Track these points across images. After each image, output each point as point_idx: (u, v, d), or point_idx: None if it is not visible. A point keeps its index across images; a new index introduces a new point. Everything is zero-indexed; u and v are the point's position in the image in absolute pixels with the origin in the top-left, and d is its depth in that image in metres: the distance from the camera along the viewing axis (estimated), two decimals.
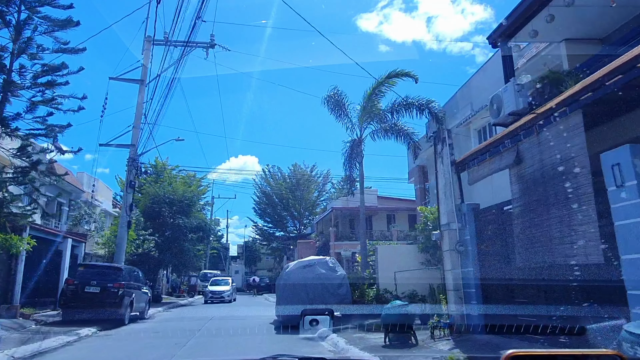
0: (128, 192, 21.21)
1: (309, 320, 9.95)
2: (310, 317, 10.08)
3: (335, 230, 34.46)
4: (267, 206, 55.20)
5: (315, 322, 9.92)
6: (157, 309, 22.95)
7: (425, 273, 14.83)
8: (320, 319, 10.02)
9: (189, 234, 29.62)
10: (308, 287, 13.58)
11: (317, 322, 9.95)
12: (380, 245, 15.21)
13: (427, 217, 14.69)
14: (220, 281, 32.64)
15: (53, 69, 10.95)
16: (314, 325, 9.96)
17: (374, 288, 14.89)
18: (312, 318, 10.05)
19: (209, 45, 23.51)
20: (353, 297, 14.36)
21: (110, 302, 14.79)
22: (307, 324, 9.92)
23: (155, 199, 28.59)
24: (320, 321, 10.00)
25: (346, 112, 18.07)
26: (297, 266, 14.20)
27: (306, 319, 9.99)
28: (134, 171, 21.35)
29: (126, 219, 20.77)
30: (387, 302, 14.23)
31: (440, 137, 9.30)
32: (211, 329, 14.47)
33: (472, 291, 8.41)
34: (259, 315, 19.08)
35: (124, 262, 20.22)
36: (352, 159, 18.15)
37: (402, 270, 13.86)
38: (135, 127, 21.78)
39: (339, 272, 13.95)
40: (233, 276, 57.71)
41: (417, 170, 21.75)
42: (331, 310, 10.83)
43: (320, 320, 10.02)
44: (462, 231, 8.76)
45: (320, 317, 10.10)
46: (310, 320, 9.94)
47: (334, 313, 10.92)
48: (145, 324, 16.48)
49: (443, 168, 9.21)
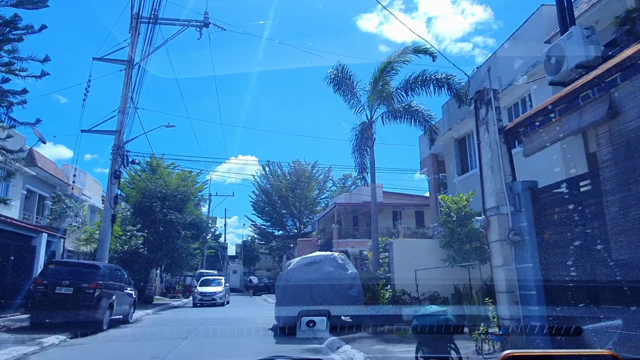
0: (112, 183, 19.25)
1: (306, 321, 9.31)
2: (308, 319, 9.41)
3: (338, 227, 32.49)
4: (266, 204, 53.27)
5: (312, 324, 9.24)
6: (146, 311, 21.00)
7: (448, 272, 12.90)
8: (317, 320, 9.34)
9: (182, 231, 27.64)
10: (313, 288, 11.64)
11: (315, 323, 9.28)
12: (397, 240, 13.28)
13: (449, 207, 12.75)
14: (211, 281, 28.27)
15: (5, 24, 8.98)
16: (311, 326, 9.25)
17: (389, 289, 12.96)
18: (310, 319, 9.37)
19: (203, 24, 21.57)
20: (365, 299, 12.43)
21: (85, 304, 12.84)
22: (304, 325, 9.25)
23: (146, 194, 26.62)
24: (317, 322, 9.32)
25: (354, 91, 16.11)
26: (301, 263, 12.25)
27: (303, 320, 9.30)
28: (120, 160, 19.41)
29: (110, 212, 18.82)
30: (405, 305, 12.31)
31: (485, 99, 7.36)
32: (200, 336, 12.55)
33: (531, 293, 6.47)
34: (256, 317, 17.12)
35: (107, 260, 18.30)
36: (362, 144, 16.19)
37: (423, 269, 11.92)
38: (121, 112, 19.84)
39: (350, 270, 12.00)
40: (231, 276, 55.83)
41: (431, 159, 19.80)
42: (328, 312, 9.78)
43: (318, 322, 9.34)
44: (516, 216, 6.82)
45: (318, 319, 9.39)
46: (308, 322, 9.28)
47: (330, 314, 9.85)
48: (128, 329, 14.52)
49: (489, 137, 7.26)
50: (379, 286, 12.73)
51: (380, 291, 12.64)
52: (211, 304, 25.18)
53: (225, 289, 27.28)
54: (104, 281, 13.59)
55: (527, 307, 6.53)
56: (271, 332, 12.31)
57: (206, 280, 28.56)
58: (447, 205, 12.89)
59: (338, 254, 12.61)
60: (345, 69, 16.02)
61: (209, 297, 25.72)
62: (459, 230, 12.53)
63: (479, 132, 7.63)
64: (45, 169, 24.04)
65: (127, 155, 19.91)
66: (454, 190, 16.49)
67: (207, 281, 28.23)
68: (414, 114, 15.69)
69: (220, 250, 62.67)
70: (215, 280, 28.31)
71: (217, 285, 27.40)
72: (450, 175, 16.82)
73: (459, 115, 15.87)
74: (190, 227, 29.11)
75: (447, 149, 17.20)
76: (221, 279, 28.83)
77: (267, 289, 43.04)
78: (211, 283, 27.77)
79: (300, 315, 9.49)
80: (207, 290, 26.53)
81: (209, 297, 25.76)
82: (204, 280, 28.51)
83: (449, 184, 17.11)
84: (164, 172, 27.99)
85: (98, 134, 19.84)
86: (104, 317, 13.31)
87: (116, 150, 19.34)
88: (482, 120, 7.41)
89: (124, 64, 20.16)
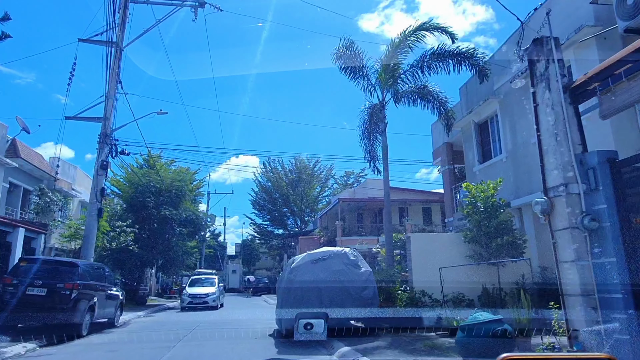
0: (99, 174, 17.66)
1: (303, 324, 8.90)
2: (305, 321, 8.97)
3: (342, 224, 30.90)
4: (267, 202, 51.66)
5: (310, 326, 8.85)
6: (137, 313, 19.43)
7: (473, 270, 11.33)
8: (315, 323, 8.92)
9: (177, 228, 26.03)
10: (321, 289, 10.07)
11: (312, 326, 8.89)
12: (415, 234, 11.68)
13: (475, 196, 11.17)
14: (202, 281, 24.39)
15: None
16: (309, 329, 8.87)
17: (406, 289, 11.38)
18: (307, 322, 8.96)
19: (198, 3, 20.04)
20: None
21: (61, 307, 11.30)
22: (301, 327, 8.85)
23: (139, 188, 25.02)
24: (314, 325, 8.90)
25: (364, 71, 14.50)
26: (306, 261, 10.66)
27: (300, 322, 8.91)
28: (107, 149, 17.83)
29: (96, 206, 17.23)
30: (426, 308, 10.74)
31: (544, 49, 5.79)
32: (192, 342, 10.99)
33: (615, 297, 4.90)
34: (255, 320, 15.55)
35: (93, 258, 16.74)
36: (372, 129, 14.60)
37: (448, 267, 10.34)
38: (109, 97, 18.24)
39: (363, 268, 10.41)
40: (230, 276, 54.25)
41: (445, 148, 18.24)
42: (326, 314, 9.22)
43: (315, 324, 8.91)
44: (591, 196, 5.26)
45: (315, 321, 8.96)
46: (305, 324, 8.87)
47: (328, 316, 9.21)
48: (112, 334, 12.95)
49: (550, 97, 5.69)
50: (395, 287, 11.16)
51: (396, 292, 11.07)
52: (202, 307, 21.92)
53: (219, 290, 23.86)
54: (83, 281, 12.03)
55: (609, 314, 4.96)
56: (272, 339, 10.77)
57: (197, 279, 24.76)
58: (472, 194, 11.31)
59: (349, 249, 11.03)
60: (354, 45, 14.43)
61: (199, 300, 22.25)
62: (486, 222, 10.95)
63: (535, 94, 6.05)
64: (30, 160, 22.46)
65: (116, 144, 18.33)
66: (474, 181, 14.93)
67: (198, 281, 24.48)
68: (429, 96, 14.11)
69: (220, 250, 61.16)
70: (207, 280, 24.50)
71: (209, 285, 23.73)
72: (470, 164, 15.25)
73: (481, 96, 14.30)
74: (187, 223, 27.47)
75: (465, 135, 15.62)
76: (214, 278, 25.01)
77: (267, 289, 41.48)
78: (202, 283, 24.08)
79: (297, 317, 9.06)
80: (198, 291, 22.95)
81: (199, 299, 22.28)
82: (194, 280, 24.71)
83: (467, 173, 15.53)
84: (160, 168, 26.32)
85: (84, 121, 18.25)
86: (83, 321, 11.76)
87: (103, 139, 17.75)
88: (541, 76, 5.84)
89: (112, 46, 18.59)
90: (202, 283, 24.01)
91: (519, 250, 10.83)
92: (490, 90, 14.00)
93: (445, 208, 18.50)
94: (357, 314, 10.01)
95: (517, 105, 12.67)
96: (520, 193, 12.30)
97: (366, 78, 14.49)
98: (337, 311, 9.96)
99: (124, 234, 19.41)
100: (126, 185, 25.65)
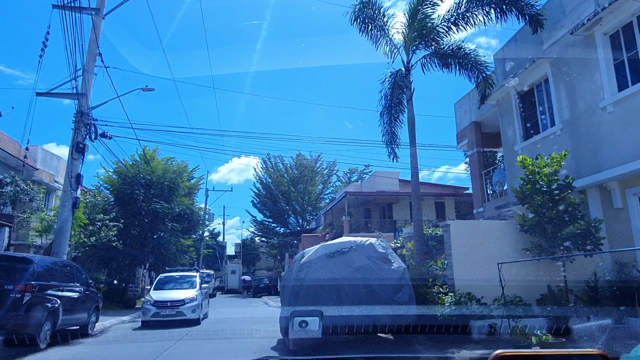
0: (74, 158, 15.24)
1: (298, 322, 8.00)
2: (300, 319, 8.01)
3: (349, 219, 28.50)
4: (267, 199, 49.39)
5: (304, 324, 7.97)
6: (122, 318, 17.05)
7: (533, 267, 8.96)
8: (309, 321, 7.98)
9: (170, 224, 23.61)
10: (341, 292, 7.72)
11: (307, 324, 8.00)
12: (454, 222, 9.32)
13: (536, 172, 8.79)
14: (176, 281, 16.31)
15: None
16: (304, 327, 7.98)
17: (445, 290, 9.00)
18: (302, 320, 7.98)
19: None
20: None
21: (10, 314, 8.93)
22: (296, 326, 7.98)
23: (127, 180, 22.63)
24: (309, 323, 7.99)
25: (385, 30, 12.12)
26: (321, 254, 8.29)
27: (295, 320, 8.04)
28: (84, 130, 15.46)
29: (71, 195, 14.86)
30: (475, 316, 8.36)
31: None
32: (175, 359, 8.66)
33: None
34: (254, 329, 13.17)
35: (66, 255, 14.35)
36: (394, 104, 12.24)
37: (509, 262, 7.96)
38: (87, 71, 15.88)
39: (395, 263, 8.05)
40: (229, 276, 51.66)
41: (473, 129, 15.86)
42: (321, 312, 8.04)
43: (310, 322, 7.99)
44: None
45: (310, 319, 8.00)
46: (300, 322, 7.99)
47: (323, 314, 8.03)
48: (78, 347, 10.55)
49: None
50: (433, 287, 8.77)
51: (433, 295, 8.68)
52: (174, 319, 14.05)
53: (201, 295, 15.44)
54: (41, 281, 9.66)
55: None
56: (276, 353, 8.43)
57: (167, 279, 16.59)
58: (530, 170, 8.92)
59: (376, 239, 8.65)
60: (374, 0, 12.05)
61: (170, 310, 14.20)
62: (550, 206, 8.56)
63: None
64: (4, 148, 20.16)
65: (95, 124, 15.96)
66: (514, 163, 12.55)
67: (169, 281, 16.31)
68: (465, 59, 11.73)
69: (219, 250, 58.83)
70: (183, 280, 16.33)
71: (186, 286, 15.76)
72: (509, 143, 12.85)
73: (524, 61, 11.94)
74: (180, 219, 25.04)
75: (503, 108, 13.24)
76: (194, 277, 16.60)
77: (268, 289, 39.09)
78: (176, 284, 15.98)
79: (292, 315, 8.22)
80: (167, 296, 14.69)
81: (170, 308, 14.23)
82: (162, 280, 16.51)
83: (506, 154, 13.13)
84: (153, 161, 23.83)
85: (57, 98, 15.91)
86: (40, 332, 9.42)
87: (79, 118, 15.38)
88: None
89: (91, 13, 16.24)
90: (175, 284, 16.01)
91: (592, 242, 8.43)
92: (537, 51, 11.62)
93: (473, 197, 16.13)
94: (388, 322, 7.65)
95: (578, 63, 10.30)
96: (582, 171, 9.91)
97: (388, 38, 12.12)
98: (362, 319, 7.62)
99: (106, 228, 17.02)
100: (114, 177, 23.29)
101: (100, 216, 18.09)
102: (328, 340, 8.33)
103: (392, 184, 30.85)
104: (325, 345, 8.27)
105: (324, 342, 8.10)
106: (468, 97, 16.35)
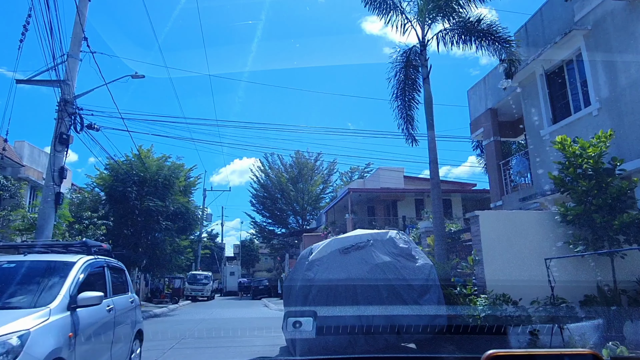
0: (57, 150, 13.99)
1: (292, 322, 7.28)
2: (294, 319, 7.29)
3: (352, 217, 27.28)
4: (266, 199, 48.14)
5: (298, 325, 7.26)
6: None
7: (576, 263, 7.76)
8: (303, 321, 7.26)
9: (164, 222, 22.35)
10: (358, 290, 6.50)
11: (301, 324, 7.28)
12: (484, 212, 8.12)
13: (577, 154, 7.60)
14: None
15: None
16: (297, 327, 7.27)
17: (476, 291, 7.79)
18: (295, 320, 7.25)
19: None
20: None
21: None
22: (290, 326, 7.31)
23: (119, 176, 21.39)
24: (303, 323, 7.27)
25: (397, 2, 10.91)
26: (333, 249, 7.08)
27: (289, 321, 7.40)
28: (68, 120, 14.22)
29: (53, 189, 13.63)
30: (512, 322, 7.15)
31: None
32: None
33: None
34: (252, 338, 11.97)
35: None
36: (408, 85, 11.04)
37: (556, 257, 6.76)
38: (72, 57, 14.65)
39: (420, 259, 6.85)
40: (227, 277, 50.30)
41: (490, 116, 14.67)
42: (314, 312, 7.29)
43: (304, 322, 7.27)
44: None
45: (304, 319, 7.29)
46: (294, 322, 7.25)
47: (317, 315, 7.29)
48: None
49: None
50: (466, 288, 7.54)
51: (466, 297, 7.46)
52: None
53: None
54: None
55: None
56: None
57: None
58: (571, 152, 7.73)
59: (396, 232, 7.45)
60: None
61: None
62: (596, 192, 7.36)
63: None
64: None
65: (80, 114, 14.73)
66: (541, 150, 11.37)
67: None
68: (487, 34, 10.52)
69: (217, 251, 57.52)
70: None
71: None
72: (535, 128, 11.65)
73: (551, 36, 10.76)
74: (175, 218, 23.80)
75: (527, 90, 12.05)
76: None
77: (268, 291, 37.83)
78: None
79: (286, 316, 7.92)
80: None
81: None
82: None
83: (532, 140, 11.94)
84: (146, 158, 22.53)
85: (38, 85, 14.67)
86: None
87: (62, 106, 14.15)
88: None
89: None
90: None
91: None
92: (566, 25, 10.45)
93: (490, 190, 14.91)
94: (415, 330, 6.43)
95: (619, 33, 9.10)
96: (628, 154, 8.72)
97: (400, 11, 10.92)
98: (384, 326, 6.40)
99: (93, 226, 15.82)
100: (105, 173, 22.04)
101: (87, 213, 16.84)
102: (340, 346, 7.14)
103: (397, 180, 29.67)
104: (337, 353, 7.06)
105: (337, 348, 6.89)
106: (483, 82, 15.17)
